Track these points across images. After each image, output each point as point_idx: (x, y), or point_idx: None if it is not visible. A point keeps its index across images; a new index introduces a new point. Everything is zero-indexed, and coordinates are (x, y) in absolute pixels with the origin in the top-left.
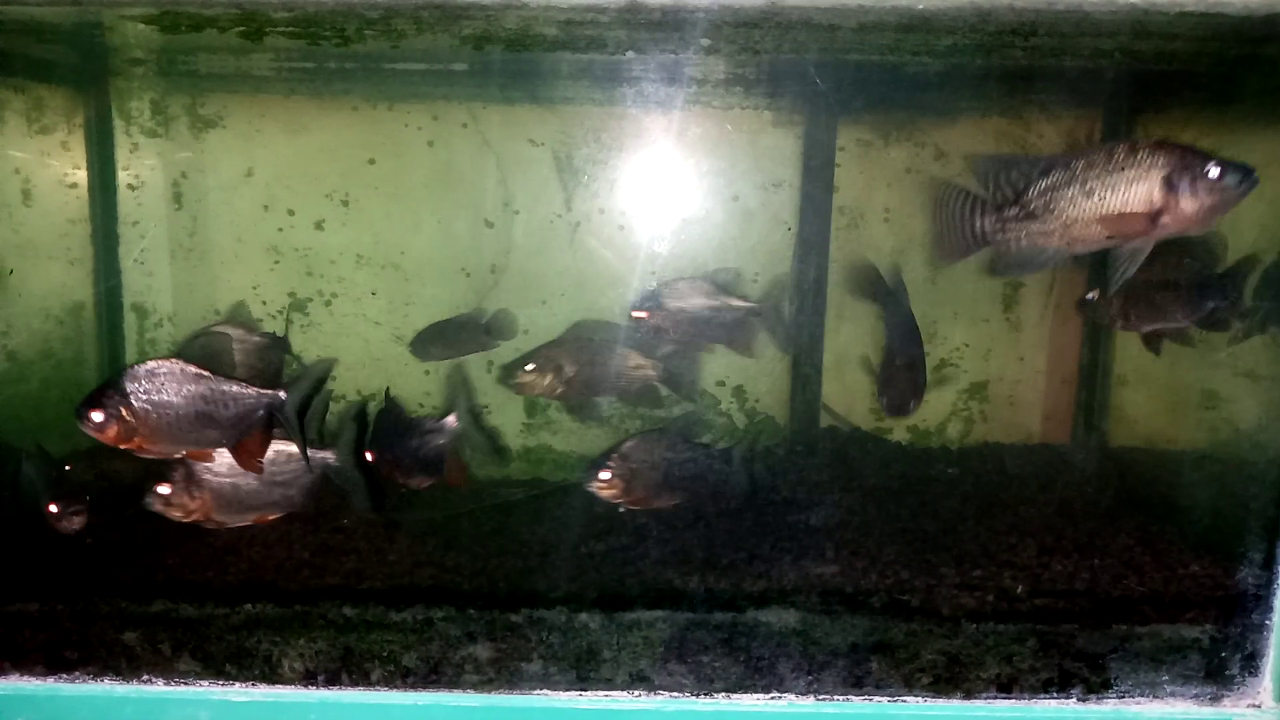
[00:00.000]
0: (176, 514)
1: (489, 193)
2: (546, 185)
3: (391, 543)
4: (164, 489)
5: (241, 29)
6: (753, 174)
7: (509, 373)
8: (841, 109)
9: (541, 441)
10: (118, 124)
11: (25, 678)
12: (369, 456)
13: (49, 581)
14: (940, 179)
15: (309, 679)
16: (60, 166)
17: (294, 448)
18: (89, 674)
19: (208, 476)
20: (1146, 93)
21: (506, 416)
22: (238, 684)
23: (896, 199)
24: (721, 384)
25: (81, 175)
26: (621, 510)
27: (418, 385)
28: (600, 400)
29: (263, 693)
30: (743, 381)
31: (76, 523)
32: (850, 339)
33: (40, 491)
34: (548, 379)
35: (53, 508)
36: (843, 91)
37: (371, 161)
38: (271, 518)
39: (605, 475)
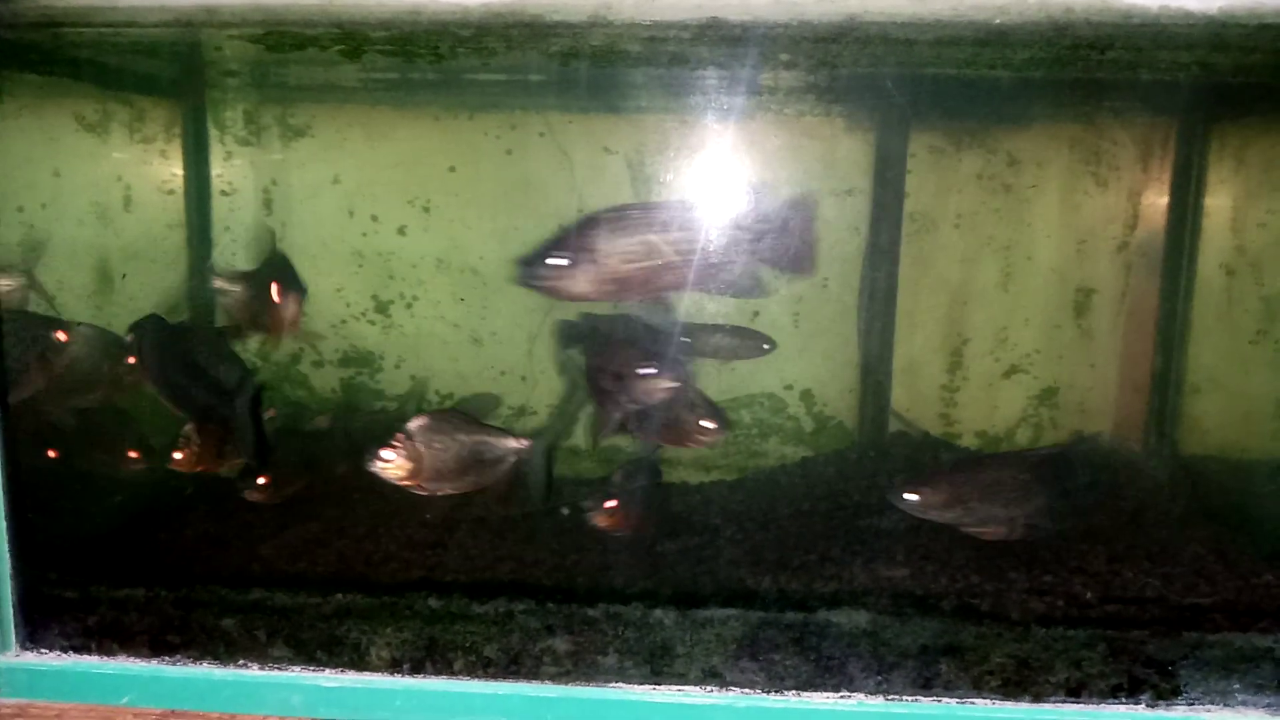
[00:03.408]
0: (392, 475)
1: (564, 199)
2: (619, 191)
3: (473, 537)
4: (387, 454)
5: (341, 47)
6: (825, 181)
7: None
8: (914, 117)
9: (612, 440)
10: (213, 133)
11: (132, 659)
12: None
13: None
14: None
15: (395, 667)
16: (159, 173)
17: (501, 436)
18: (190, 657)
19: (424, 448)
20: (1223, 103)
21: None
22: (328, 670)
23: (968, 205)
24: (789, 388)
25: (178, 182)
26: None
27: (491, 388)
28: None
29: (351, 679)
30: (812, 386)
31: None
32: (921, 345)
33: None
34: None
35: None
36: (917, 101)
37: (452, 169)
38: (468, 490)
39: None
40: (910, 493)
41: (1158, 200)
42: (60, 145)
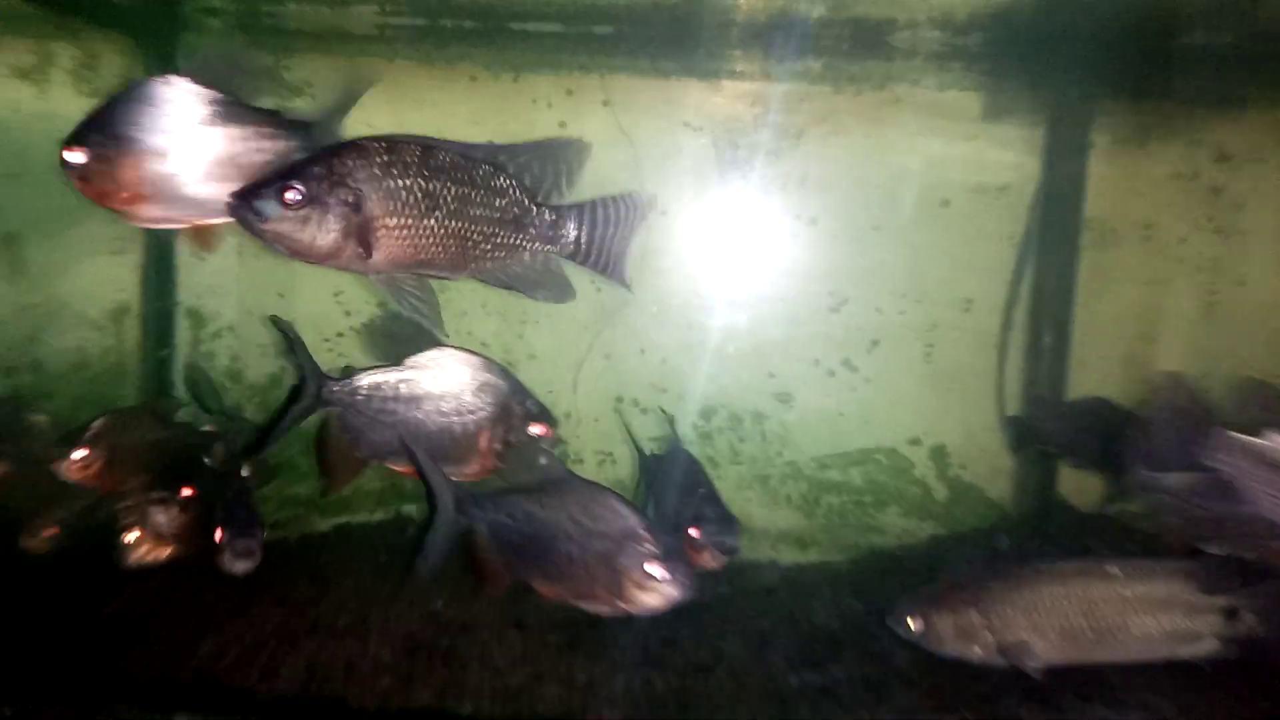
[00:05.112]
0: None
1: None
2: (702, 179)
3: (500, 643)
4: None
5: None
6: (970, 173)
7: None
8: (1095, 95)
9: None
10: None
11: None
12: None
13: None
14: None
15: None
16: None
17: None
18: None
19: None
20: None
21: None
22: None
23: (1162, 212)
24: (915, 442)
25: None
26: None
27: None
28: None
29: None
30: (946, 440)
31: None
32: (1094, 389)
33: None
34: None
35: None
36: (1097, 73)
37: None
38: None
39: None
40: None
41: None
42: None
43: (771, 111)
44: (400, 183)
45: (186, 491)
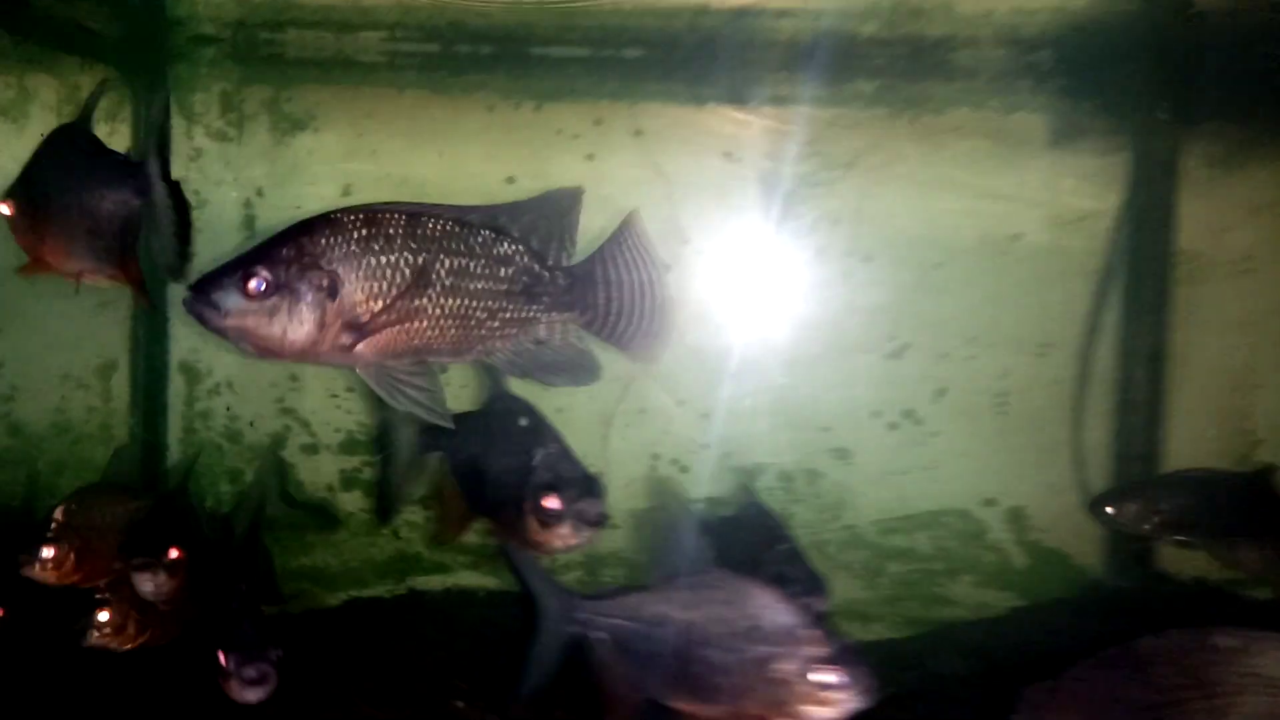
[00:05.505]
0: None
1: (666, 223)
2: (743, 214)
3: None
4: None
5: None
6: (1043, 203)
7: None
8: (1185, 115)
9: None
10: (177, 123)
11: None
12: None
13: None
14: None
15: None
16: None
17: None
18: None
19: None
20: None
21: None
22: None
23: (1263, 242)
24: (990, 504)
25: None
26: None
27: None
28: None
29: None
30: (1023, 501)
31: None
32: (1187, 442)
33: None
34: None
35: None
36: (1191, 89)
37: (510, 180)
38: None
39: (49, 552)
40: None
41: None
42: None
43: (820, 140)
44: (383, 259)
45: (174, 554)
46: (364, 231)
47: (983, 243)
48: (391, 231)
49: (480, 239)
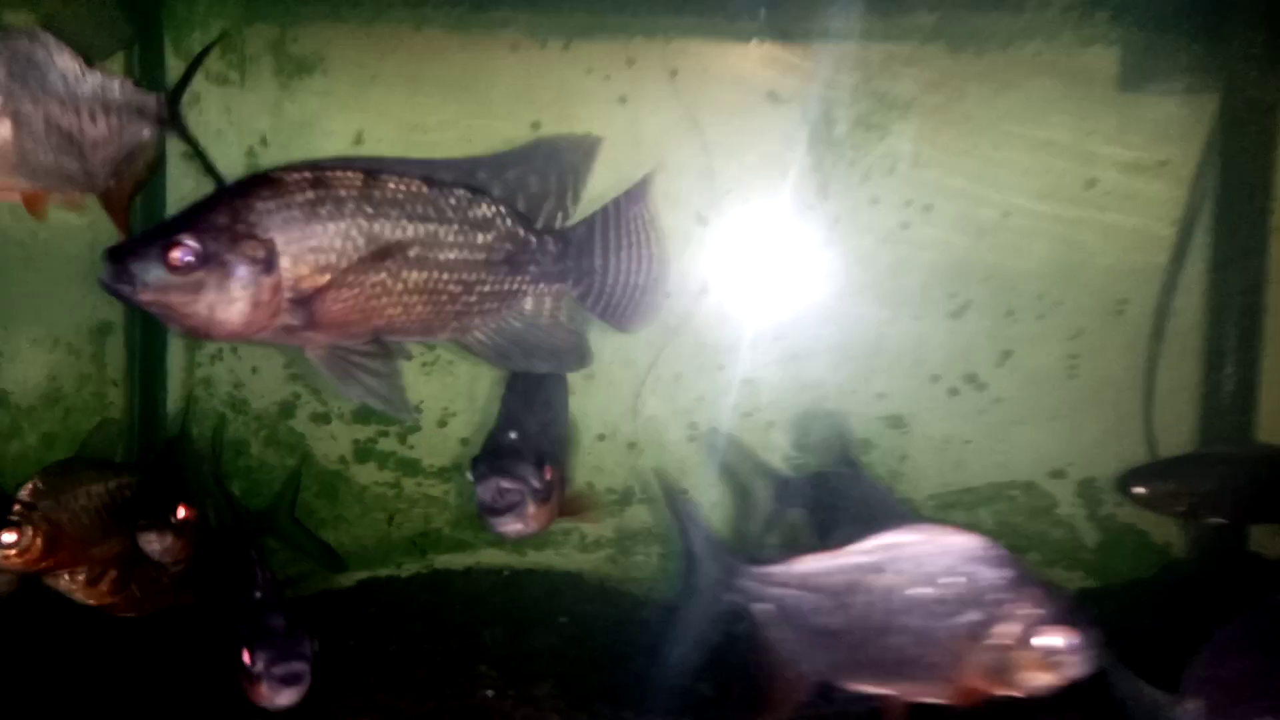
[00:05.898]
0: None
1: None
2: (789, 161)
3: None
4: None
5: None
6: (1120, 147)
7: None
8: None
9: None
10: (172, 65)
11: None
12: None
13: None
14: None
15: None
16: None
17: None
18: None
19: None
20: None
21: None
22: None
23: None
24: (1059, 475)
25: None
26: None
27: (589, 461)
28: None
29: None
30: (1095, 472)
31: None
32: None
33: None
34: None
35: None
36: None
37: (536, 126)
38: None
39: (10, 537)
40: None
41: None
42: None
43: (874, 79)
44: (331, 226)
45: (182, 513)
46: (309, 194)
47: (1053, 191)
48: (343, 193)
49: (453, 200)
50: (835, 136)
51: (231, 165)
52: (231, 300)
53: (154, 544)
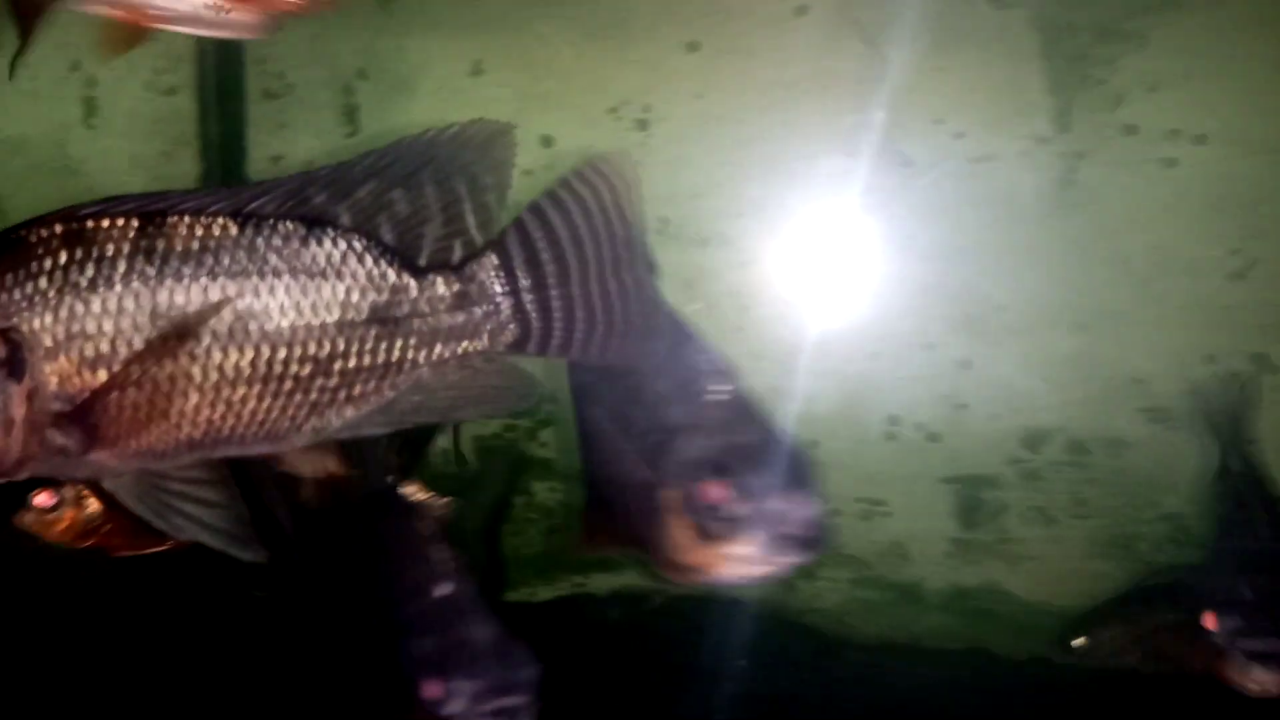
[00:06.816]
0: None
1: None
2: (1014, 84)
3: None
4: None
5: None
6: None
7: None
8: None
9: (988, 578)
10: None
11: None
12: None
13: None
14: None
15: None
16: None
17: None
18: None
19: None
20: None
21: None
22: None
23: None
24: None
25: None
26: None
27: None
28: None
29: None
30: None
31: None
32: None
33: None
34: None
35: None
36: None
37: (693, 48)
38: None
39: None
40: None
41: None
42: None
43: None
44: (99, 300)
45: None
46: (64, 255)
47: None
48: (112, 250)
49: (277, 240)
50: (1075, 49)
51: (325, 102)
52: None
53: None
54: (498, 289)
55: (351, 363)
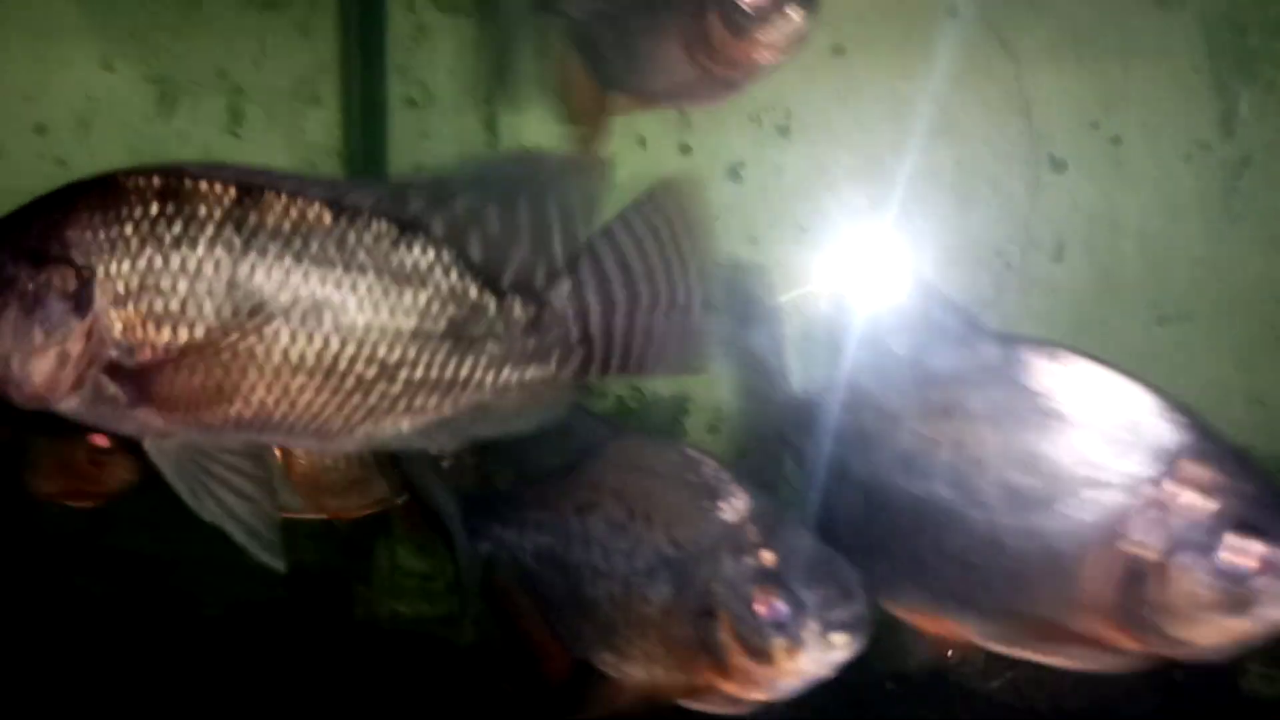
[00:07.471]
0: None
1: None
2: (1178, 85)
3: None
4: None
5: None
6: None
7: None
8: None
9: None
10: None
11: None
12: None
13: None
14: None
15: None
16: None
17: None
18: None
19: None
20: None
21: None
22: None
23: None
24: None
25: (330, 82)
26: None
27: None
28: None
29: None
30: None
31: None
32: None
33: None
34: None
35: None
36: None
37: (839, 51)
38: None
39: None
40: None
41: None
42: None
43: None
44: (183, 259)
45: None
46: (155, 208)
47: None
48: (204, 212)
49: (369, 237)
50: (1246, 46)
51: (471, 122)
52: (30, 354)
53: None
54: (570, 316)
55: (419, 373)
